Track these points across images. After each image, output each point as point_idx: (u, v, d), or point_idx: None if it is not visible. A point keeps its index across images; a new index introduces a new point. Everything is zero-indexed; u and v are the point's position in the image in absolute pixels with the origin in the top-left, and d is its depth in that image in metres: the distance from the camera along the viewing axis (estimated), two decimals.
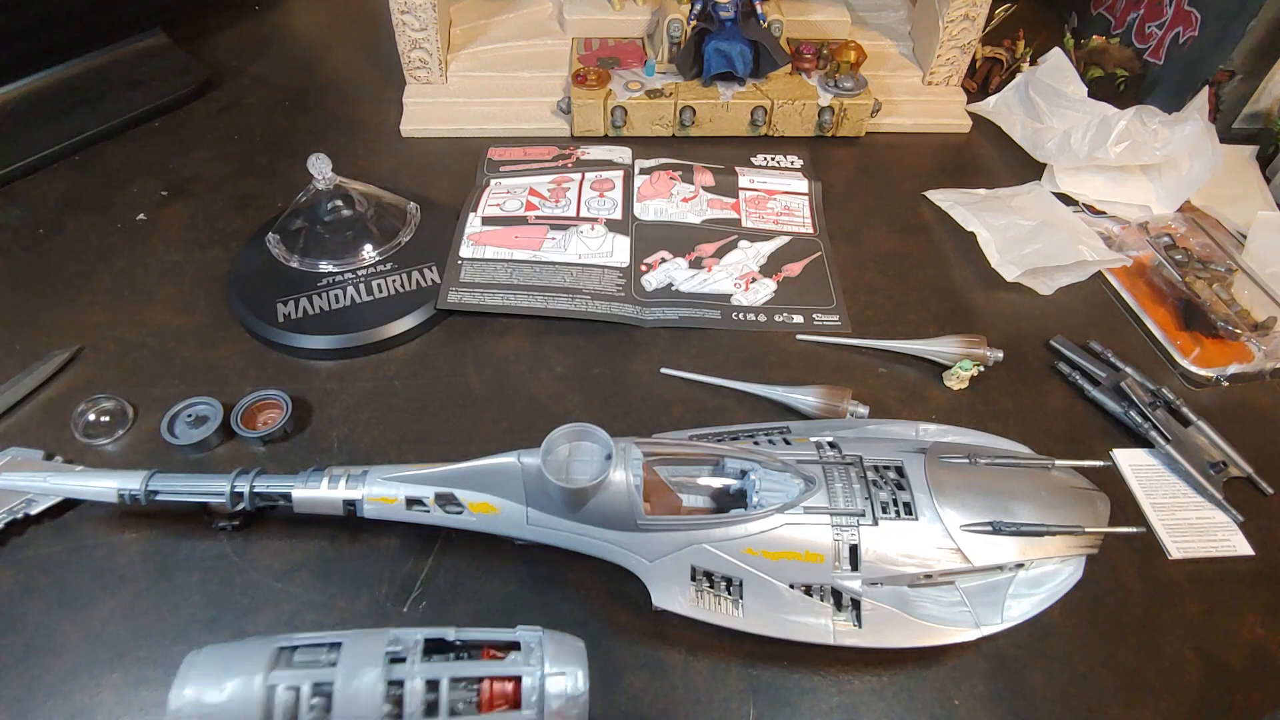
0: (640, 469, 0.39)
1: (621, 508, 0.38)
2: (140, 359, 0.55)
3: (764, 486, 0.40)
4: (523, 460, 0.39)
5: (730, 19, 0.70)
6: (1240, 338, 0.59)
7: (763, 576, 0.39)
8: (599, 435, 0.39)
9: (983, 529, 0.40)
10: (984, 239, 0.65)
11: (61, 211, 0.65)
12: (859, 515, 0.39)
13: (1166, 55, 0.78)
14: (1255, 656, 0.45)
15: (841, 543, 0.39)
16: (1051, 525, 0.41)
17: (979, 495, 0.41)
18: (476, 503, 0.40)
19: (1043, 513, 0.42)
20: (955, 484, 0.41)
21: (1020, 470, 0.44)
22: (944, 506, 0.40)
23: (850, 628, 0.39)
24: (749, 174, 0.71)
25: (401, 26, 0.71)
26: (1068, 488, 0.44)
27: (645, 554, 0.39)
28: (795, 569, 0.39)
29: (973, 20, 0.74)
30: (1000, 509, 0.41)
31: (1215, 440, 0.53)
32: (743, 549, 0.39)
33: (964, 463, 0.43)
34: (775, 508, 0.39)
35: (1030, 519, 0.41)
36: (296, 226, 0.60)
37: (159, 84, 0.74)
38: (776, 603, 0.39)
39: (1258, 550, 0.49)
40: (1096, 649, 0.45)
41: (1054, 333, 0.59)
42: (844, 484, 0.40)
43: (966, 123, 0.78)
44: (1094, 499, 0.45)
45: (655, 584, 0.40)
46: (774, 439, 0.45)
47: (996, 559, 0.41)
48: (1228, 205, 0.70)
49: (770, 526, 0.39)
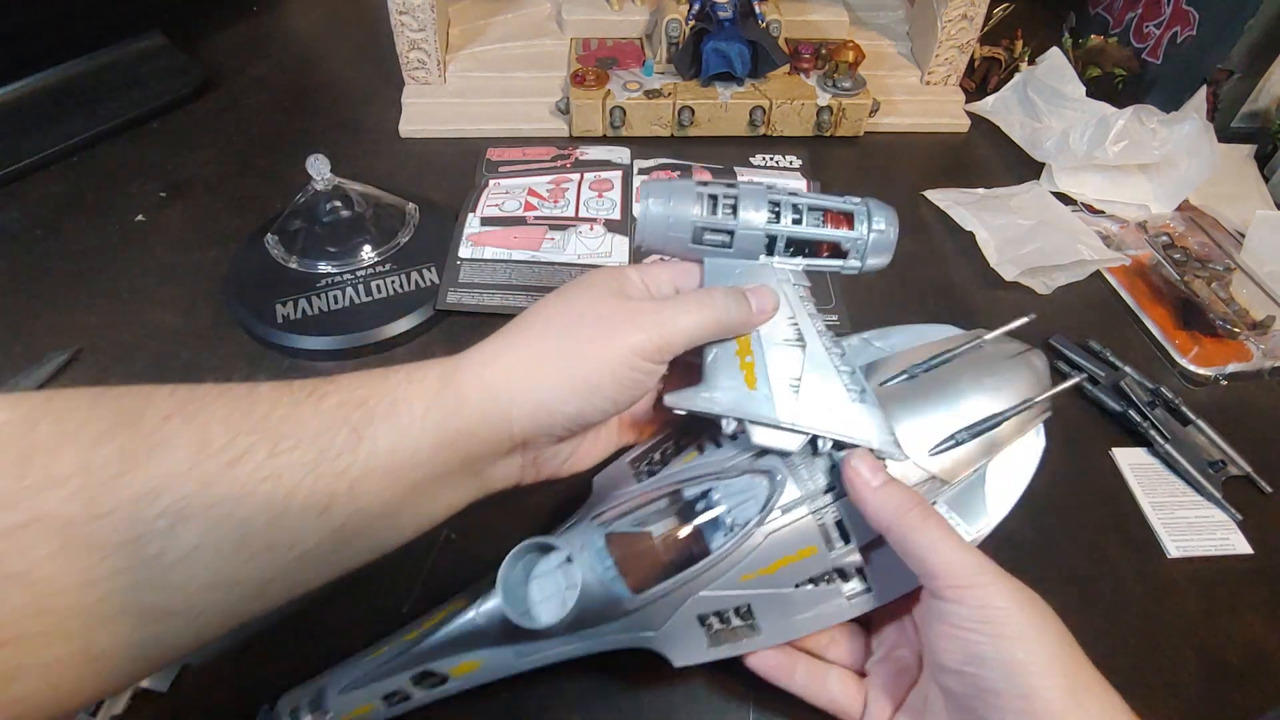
0: (607, 553, 0.35)
1: (604, 605, 0.35)
2: (139, 360, 0.55)
3: (732, 503, 0.37)
4: (481, 610, 0.36)
5: (729, 19, 0.70)
6: (1239, 336, 0.59)
7: (768, 592, 0.37)
8: (549, 543, 0.35)
9: (946, 445, 0.39)
10: (982, 238, 0.65)
11: (60, 213, 0.65)
12: (831, 489, 0.37)
13: (1165, 54, 0.78)
14: (1255, 655, 0.45)
15: (827, 524, 0.37)
16: (1005, 411, 0.40)
17: (931, 411, 0.40)
18: (457, 666, 0.37)
19: (992, 399, 0.40)
20: (907, 410, 0.40)
21: (958, 361, 0.42)
22: (906, 440, 0.39)
23: (862, 593, 0.38)
24: (748, 174, 0.71)
25: (400, 27, 0.71)
26: (1005, 358, 0.43)
27: (648, 628, 0.37)
28: (795, 570, 0.37)
29: (971, 20, 0.75)
30: (955, 416, 0.40)
31: (1214, 439, 0.53)
32: (739, 578, 0.37)
33: (905, 380, 0.41)
34: (754, 523, 0.36)
35: (983, 412, 0.40)
36: (295, 227, 0.60)
37: (158, 85, 0.74)
38: (789, 607, 0.38)
39: (1257, 549, 0.49)
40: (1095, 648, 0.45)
41: (1053, 332, 0.60)
42: (804, 460, 0.38)
43: (965, 122, 0.78)
44: (1030, 360, 0.43)
45: (669, 648, 0.37)
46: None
47: (968, 467, 0.39)
48: (1226, 204, 0.71)
49: (755, 544, 0.36)
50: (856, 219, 0.39)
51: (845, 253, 0.40)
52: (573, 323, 0.35)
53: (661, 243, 0.39)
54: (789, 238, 0.39)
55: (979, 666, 0.31)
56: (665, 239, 0.39)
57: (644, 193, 0.39)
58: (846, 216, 0.39)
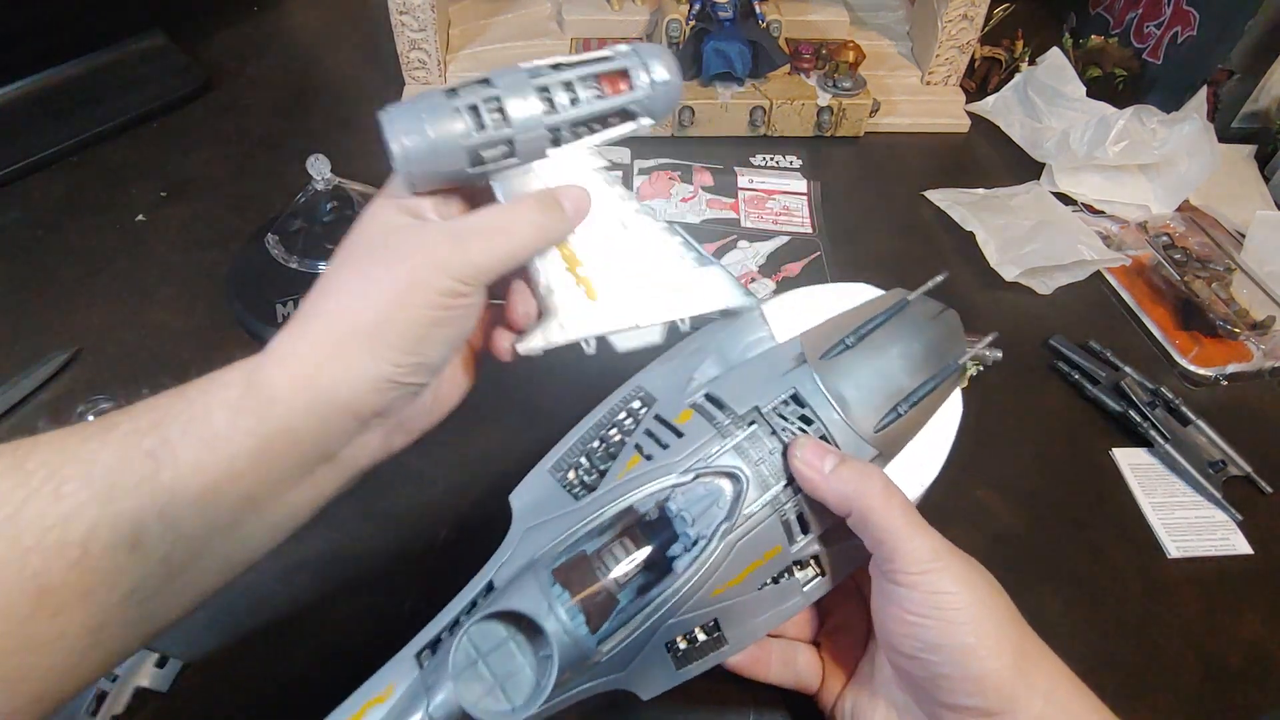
0: (577, 609, 0.31)
1: (576, 665, 0.31)
2: (139, 360, 0.55)
3: (694, 514, 0.33)
4: (435, 705, 0.30)
5: (729, 19, 0.70)
6: (1239, 337, 0.59)
7: (735, 601, 0.35)
8: (512, 610, 0.31)
9: (890, 419, 0.37)
10: (983, 238, 0.65)
11: (60, 212, 0.65)
12: (789, 482, 0.35)
13: (1165, 55, 0.78)
14: (1255, 655, 0.45)
15: (790, 520, 0.35)
16: (937, 375, 0.38)
17: (870, 382, 0.37)
18: None
19: (920, 366, 0.39)
20: (849, 384, 0.37)
21: (886, 326, 0.40)
22: (853, 418, 0.36)
23: (816, 578, 0.36)
24: (748, 174, 0.71)
25: (400, 27, 0.71)
26: (928, 320, 0.41)
27: (614, 671, 0.33)
28: (761, 574, 0.35)
29: (971, 20, 0.75)
30: (892, 388, 0.38)
31: (1214, 439, 0.53)
32: (710, 594, 0.34)
33: (842, 350, 0.38)
34: (720, 531, 0.33)
35: (915, 379, 0.38)
36: (296, 227, 0.60)
37: (158, 85, 0.74)
38: (752, 611, 0.35)
39: (1257, 549, 0.49)
40: (1096, 648, 0.45)
41: (1053, 332, 0.60)
42: (762, 456, 0.35)
43: (965, 122, 0.78)
44: (949, 320, 0.41)
45: (635, 683, 0.34)
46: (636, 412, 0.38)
47: (909, 436, 0.38)
48: (1226, 204, 0.71)
49: (724, 556, 0.33)
50: (632, 74, 0.35)
51: (633, 114, 0.36)
52: (367, 281, 0.31)
53: (433, 182, 0.33)
54: (573, 121, 0.34)
55: (931, 653, 0.31)
56: (436, 176, 0.33)
57: (390, 128, 0.32)
58: (622, 74, 0.35)
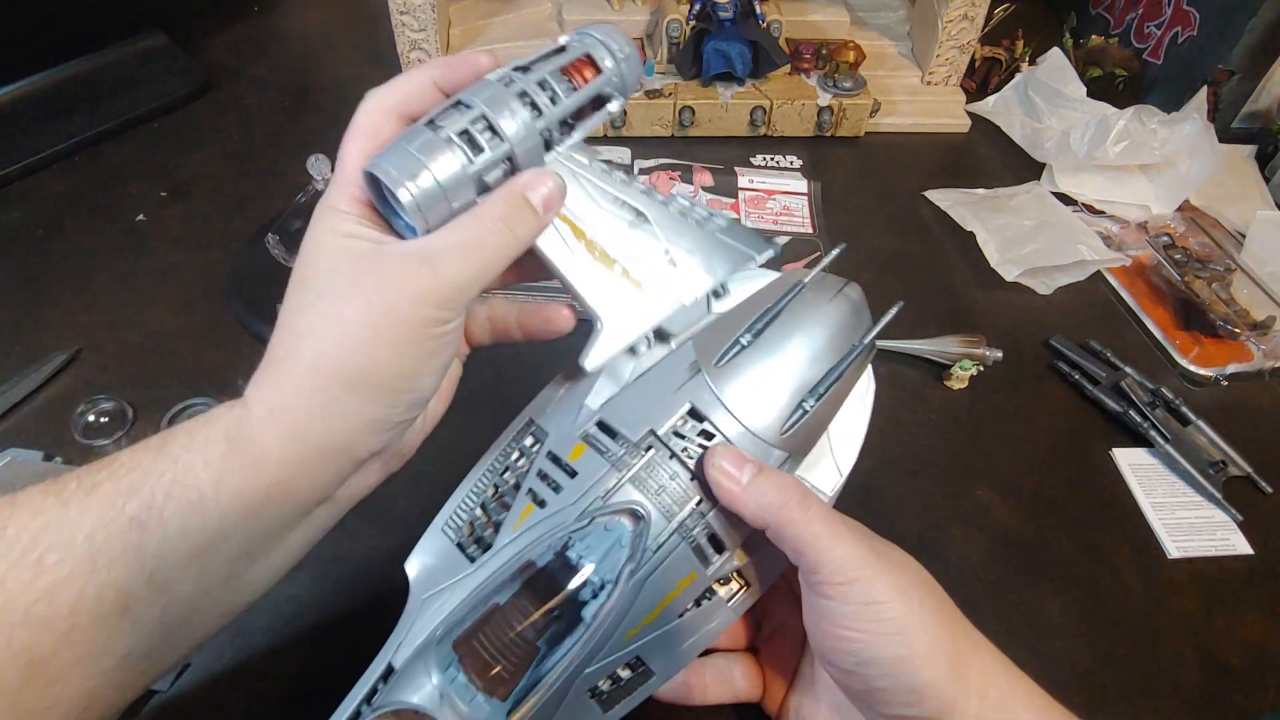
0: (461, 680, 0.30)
1: None
2: (140, 360, 0.55)
3: (595, 559, 0.32)
4: None
5: (729, 19, 0.70)
6: (1239, 337, 0.59)
7: (654, 635, 0.33)
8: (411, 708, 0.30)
9: (797, 418, 0.35)
10: (983, 239, 0.65)
11: (61, 212, 0.65)
12: (699, 501, 0.33)
13: (1165, 55, 0.78)
14: (1255, 656, 0.45)
15: (700, 544, 0.33)
16: (842, 362, 0.36)
17: (771, 381, 0.35)
18: None
19: (824, 353, 0.36)
20: (749, 387, 0.35)
21: (784, 315, 0.37)
22: (756, 425, 0.34)
23: (742, 591, 0.35)
24: (748, 174, 0.71)
25: (400, 27, 0.71)
26: (827, 301, 0.38)
27: None
28: (678, 603, 0.33)
29: (971, 20, 0.74)
30: (796, 382, 0.35)
31: (1214, 439, 0.53)
32: (624, 636, 0.32)
33: (738, 351, 0.36)
34: (624, 574, 0.31)
35: (819, 368, 0.36)
36: (296, 227, 0.60)
37: (158, 84, 0.74)
38: (677, 638, 0.33)
39: (1257, 549, 0.49)
40: (1096, 649, 0.45)
41: (1053, 332, 0.60)
42: (663, 484, 0.33)
43: (965, 123, 0.78)
44: (849, 295, 0.38)
45: None
46: (529, 450, 0.36)
47: (820, 430, 0.36)
48: (1227, 205, 0.71)
49: (632, 598, 0.32)
50: (597, 57, 0.34)
51: (607, 97, 0.35)
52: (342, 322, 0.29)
53: (443, 221, 0.31)
54: (559, 120, 0.33)
55: (865, 667, 0.31)
56: (450, 212, 0.30)
57: (388, 177, 0.29)
58: (589, 61, 0.34)
